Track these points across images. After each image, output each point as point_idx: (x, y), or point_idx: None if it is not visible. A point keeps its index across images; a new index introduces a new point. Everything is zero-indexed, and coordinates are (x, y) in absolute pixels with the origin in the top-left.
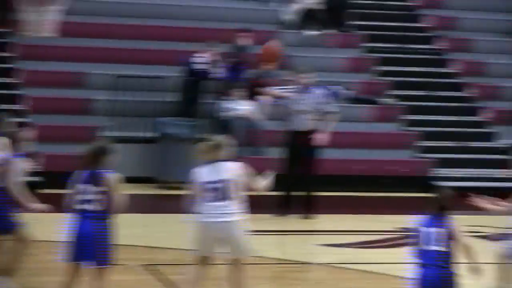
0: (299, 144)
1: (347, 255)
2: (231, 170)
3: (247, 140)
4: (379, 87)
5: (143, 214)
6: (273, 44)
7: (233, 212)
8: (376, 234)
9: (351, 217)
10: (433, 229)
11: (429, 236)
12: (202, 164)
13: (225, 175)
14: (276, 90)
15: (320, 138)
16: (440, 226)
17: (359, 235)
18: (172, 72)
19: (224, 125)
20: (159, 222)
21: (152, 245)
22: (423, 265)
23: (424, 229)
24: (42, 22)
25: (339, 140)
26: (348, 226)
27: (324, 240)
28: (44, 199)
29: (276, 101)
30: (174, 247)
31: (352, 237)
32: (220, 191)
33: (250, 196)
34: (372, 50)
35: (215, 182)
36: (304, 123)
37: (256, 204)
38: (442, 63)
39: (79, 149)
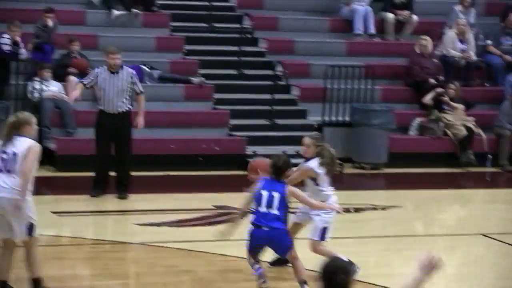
0: (112, 125)
1: (164, 234)
2: (25, 146)
3: (57, 121)
4: (188, 66)
5: None
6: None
7: (15, 189)
8: (192, 212)
9: (167, 196)
10: (267, 192)
11: (263, 199)
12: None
13: (17, 149)
14: (75, 81)
15: (138, 121)
16: (275, 190)
17: (176, 213)
18: None
19: (33, 106)
20: None
21: None
22: (255, 225)
23: (261, 191)
24: None
25: (153, 120)
26: (165, 205)
27: (141, 220)
28: None
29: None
30: None
31: (169, 216)
32: (8, 163)
33: (63, 178)
34: (179, 29)
35: (5, 152)
36: (115, 103)
37: (71, 185)
38: (250, 41)
39: None
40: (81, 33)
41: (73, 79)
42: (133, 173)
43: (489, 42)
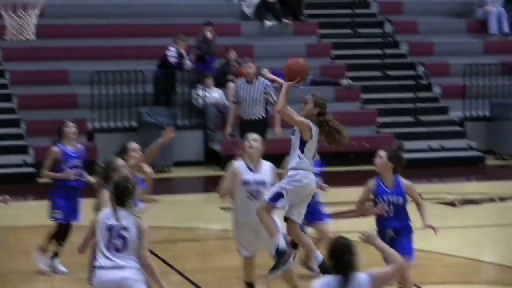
0: (249, 131)
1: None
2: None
3: (220, 125)
4: (336, 70)
5: None
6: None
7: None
8: (348, 204)
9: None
10: None
11: None
12: None
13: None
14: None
15: (276, 130)
16: None
17: (333, 207)
18: (149, 66)
19: (198, 112)
20: None
21: None
22: None
23: None
24: (23, 26)
25: None
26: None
27: None
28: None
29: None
30: None
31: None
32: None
33: None
34: (326, 36)
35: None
36: (249, 111)
37: None
38: (392, 45)
39: None
40: (237, 44)
41: (232, 86)
42: None
43: None
